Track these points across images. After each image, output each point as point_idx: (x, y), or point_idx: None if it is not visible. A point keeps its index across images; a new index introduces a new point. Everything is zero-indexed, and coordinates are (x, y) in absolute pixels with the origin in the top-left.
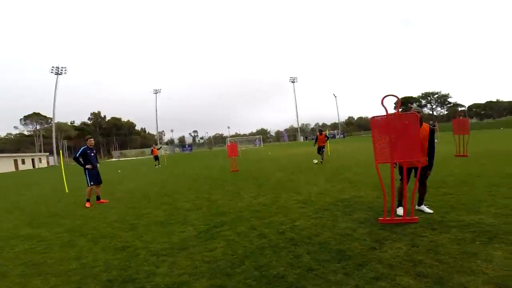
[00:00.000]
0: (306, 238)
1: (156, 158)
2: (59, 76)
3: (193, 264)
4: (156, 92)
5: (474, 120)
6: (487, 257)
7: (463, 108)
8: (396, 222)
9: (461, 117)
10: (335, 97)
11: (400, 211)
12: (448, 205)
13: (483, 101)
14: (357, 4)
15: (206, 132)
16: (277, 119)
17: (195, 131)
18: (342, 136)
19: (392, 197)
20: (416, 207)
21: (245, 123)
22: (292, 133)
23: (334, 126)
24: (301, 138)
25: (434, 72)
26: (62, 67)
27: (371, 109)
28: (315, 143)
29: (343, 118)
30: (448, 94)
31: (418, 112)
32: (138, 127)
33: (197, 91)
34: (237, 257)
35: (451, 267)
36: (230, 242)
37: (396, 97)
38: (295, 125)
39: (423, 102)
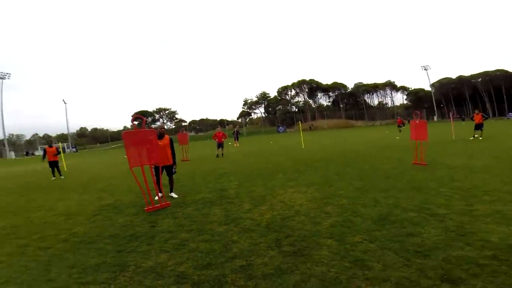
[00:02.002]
0: (96, 237)
1: None
2: None
3: None
4: None
5: (192, 133)
6: (212, 213)
7: (185, 124)
8: (157, 208)
9: (184, 132)
10: (65, 103)
11: (156, 198)
12: (185, 192)
13: (198, 118)
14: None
15: None
16: None
17: None
18: (74, 150)
19: (148, 191)
20: (169, 194)
21: None
22: None
23: (63, 137)
24: (12, 154)
25: (167, 90)
26: None
27: (108, 120)
28: (44, 157)
29: (74, 129)
30: (176, 111)
31: (162, 128)
32: None
33: None
34: (36, 269)
35: (201, 222)
36: (7, 262)
37: (142, 118)
38: None
39: (157, 116)
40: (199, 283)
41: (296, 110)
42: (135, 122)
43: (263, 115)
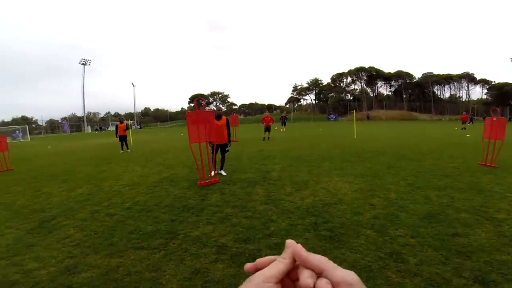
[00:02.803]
0: (154, 206)
1: None
2: None
3: (62, 250)
4: None
5: (241, 117)
6: (255, 192)
7: (236, 107)
8: (207, 184)
9: (234, 114)
10: (133, 86)
11: (212, 173)
12: (232, 170)
13: (248, 102)
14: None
15: None
16: (49, 106)
17: None
18: (138, 126)
19: (202, 167)
20: (218, 171)
21: None
22: (75, 123)
23: (130, 116)
24: (89, 129)
25: (221, 74)
26: None
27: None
28: (116, 132)
29: (140, 108)
30: (228, 95)
31: (219, 110)
32: None
33: None
34: (103, 233)
35: (244, 200)
36: (80, 227)
37: (203, 100)
38: (79, 114)
39: (211, 99)
40: (236, 255)
41: (351, 98)
42: (201, 103)
43: (313, 102)
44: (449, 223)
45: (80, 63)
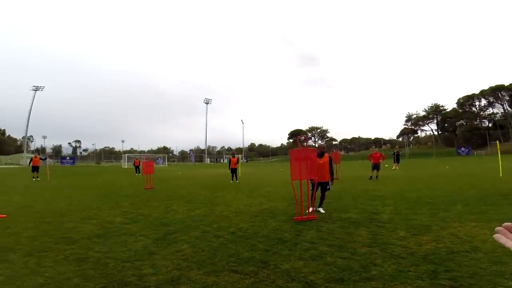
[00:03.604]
0: (253, 234)
1: (36, 169)
2: None
3: (173, 262)
4: (37, 89)
5: (342, 153)
6: (357, 233)
7: (336, 142)
8: (305, 219)
9: (334, 151)
10: (243, 123)
11: (310, 209)
12: (332, 209)
13: (349, 137)
14: (273, 38)
15: (93, 143)
16: (181, 139)
17: (77, 141)
18: (245, 160)
19: (301, 202)
20: (316, 208)
21: (142, 138)
22: (198, 154)
23: (239, 150)
24: (208, 160)
25: (320, 109)
26: None
27: (270, 137)
28: (229, 165)
29: (246, 144)
30: (327, 129)
31: (323, 148)
32: None
33: (85, 92)
34: (209, 252)
35: (343, 240)
36: (192, 243)
37: (306, 137)
38: (202, 146)
39: (309, 134)
40: None
41: (490, 125)
42: (301, 139)
43: (435, 133)
44: None
45: (204, 102)
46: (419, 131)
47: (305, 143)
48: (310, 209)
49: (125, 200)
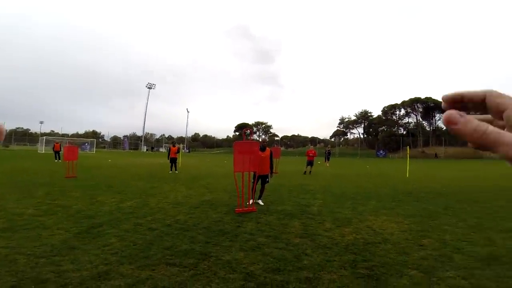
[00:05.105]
0: (192, 226)
1: None
2: None
3: (100, 256)
4: None
5: (283, 148)
6: (291, 225)
7: (277, 138)
8: (245, 211)
9: (276, 146)
10: (188, 112)
11: (250, 202)
12: (270, 201)
13: (290, 134)
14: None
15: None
16: (116, 124)
17: None
18: (187, 151)
19: (242, 194)
20: (256, 200)
21: (67, 121)
22: (134, 141)
23: (181, 140)
24: (144, 148)
25: (265, 105)
26: None
27: (215, 128)
28: (169, 154)
29: (191, 133)
30: (271, 125)
31: (265, 141)
32: None
33: None
34: (142, 245)
35: (279, 231)
36: (122, 237)
37: (251, 130)
38: (139, 133)
39: (255, 129)
40: (263, 284)
41: (405, 132)
42: (246, 132)
43: (361, 136)
44: None
45: (146, 86)
46: (348, 133)
47: (250, 137)
48: (250, 201)
49: (39, 189)
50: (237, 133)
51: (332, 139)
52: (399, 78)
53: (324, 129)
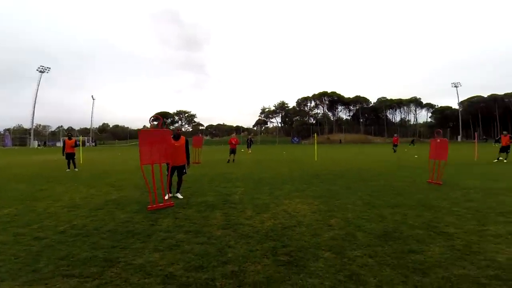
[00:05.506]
0: (93, 230)
1: None
2: None
3: None
4: None
5: (208, 137)
6: (213, 216)
7: (202, 127)
8: (160, 207)
9: (200, 135)
10: (93, 99)
11: (167, 196)
12: (190, 193)
13: (215, 123)
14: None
15: None
16: None
17: None
18: (93, 144)
19: (154, 190)
20: (174, 194)
21: None
22: (19, 136)
23: (86, 131)
24: (35, 143)
25: (188, 93)
26: None
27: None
28: (63, 149)
29: (97, 124)
30: (195, 114)
31: (178, 129)
32: None
33: None
34: (26, 258)
35: (200, 225)
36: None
37: (160, 117)
38: (26, 126)
39: (177, 118)
40: (186, 285)
41: (314, 122)
42: (154, 122)
43: (279, 125)
44: (404, 240)
45: (38, 70)
46: (269, 122)
47: (160, 125)
48: (167, 196)
49: None
50: (155, 123)
51: (255, 128)
52: (311, 73)
53: (248, 119)
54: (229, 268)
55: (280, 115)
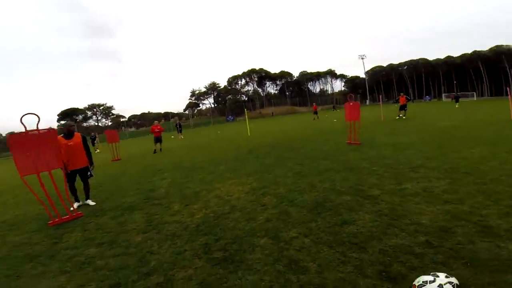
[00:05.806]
0: None
1: None
2: None
3: None
4: None
5: (132, 129)
6: (131, 220)
7: (124, 119)
8: (66, 221)
9: (120, 129)
10: None
11: (75, 205)
12: (105, 197)
13: (139, 113)
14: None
15: None
16: None
17: None
18: None
19: (49, 201)
20: (84, 202)
21: None
22: None
23: None
24: None
25: (102, 85)
26: None
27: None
28: None
29: None
30: (112, 106)
31: (70, 126)
32: None
33: None
34: None
35: (115, 233)
36: None
37: (37, 115)
38: None
39: (89, 113)
40: None
41: (246, 98)
42: (61, 122)
43: (213, 106)
44: (335, 210)
45: None
46: (201, 104)
47: (37, 125)
48: (75, 205)
49: None
50: (62, 122)
51: (186, 112)
52: (240, 52)
53: (179, 103)
54: (153, 280)
55: (212, 96)
